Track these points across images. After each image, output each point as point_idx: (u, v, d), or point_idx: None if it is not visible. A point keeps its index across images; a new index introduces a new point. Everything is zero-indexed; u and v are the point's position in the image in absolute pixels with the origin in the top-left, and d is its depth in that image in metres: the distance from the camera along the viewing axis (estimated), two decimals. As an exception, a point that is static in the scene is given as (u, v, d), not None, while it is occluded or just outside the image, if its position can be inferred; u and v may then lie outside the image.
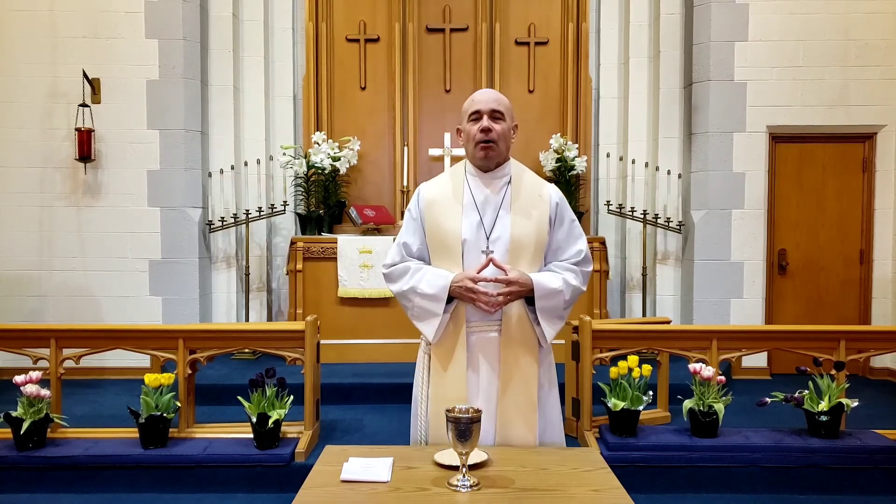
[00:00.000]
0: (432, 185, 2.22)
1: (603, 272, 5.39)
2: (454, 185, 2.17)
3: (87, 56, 5.37)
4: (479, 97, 2.12)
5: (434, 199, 2.16)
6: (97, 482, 3.30)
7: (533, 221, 2.10)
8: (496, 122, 2.08)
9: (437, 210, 2.13)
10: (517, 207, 2.11)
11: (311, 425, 3.63)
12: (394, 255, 2.18)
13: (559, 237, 2.16)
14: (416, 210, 2.18)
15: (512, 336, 2.08)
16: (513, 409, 2.05)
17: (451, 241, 2.09)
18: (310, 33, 5.95)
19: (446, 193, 2.16)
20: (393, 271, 2.16)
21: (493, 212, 2.11)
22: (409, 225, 2.19)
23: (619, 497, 1.68)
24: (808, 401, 3.49)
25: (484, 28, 6.02)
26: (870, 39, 5.37)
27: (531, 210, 2.11)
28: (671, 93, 5.74)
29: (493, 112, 2.08)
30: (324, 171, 5.62)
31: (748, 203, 5.44)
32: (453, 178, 2.20)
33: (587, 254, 2.17)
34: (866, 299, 5.59)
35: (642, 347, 3.75)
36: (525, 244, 2.09)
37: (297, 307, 5.23)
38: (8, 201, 5.41)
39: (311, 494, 1.71)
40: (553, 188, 2.21)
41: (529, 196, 2.13)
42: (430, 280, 2.06)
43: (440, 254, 2.12)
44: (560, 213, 2.16)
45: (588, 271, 2.17)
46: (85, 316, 5.38)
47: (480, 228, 2.10)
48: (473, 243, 2.08)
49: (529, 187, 2.16)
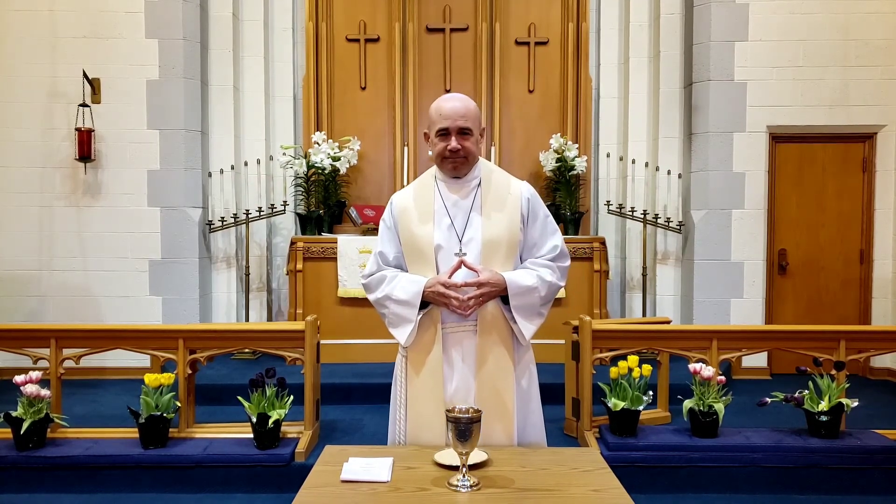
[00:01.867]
0: (404, 194, 2.23)
1: (603, 272, 5.38)
2: (424, 192, 2.18)
3: (87, 56, 5.37)
4: (447, 111, 2.07)
5: (406, 207, 2.17)
6: (97, 482, 3.30)
7: (504, 221, 2.11)
8: (464, 139, 2.07)
9: (408, 217, 2.15)
10: (488, 209, 2.11)
11: (311, 425, 3.63)
12: (371, 265, 2.20)
13: (533, 234, 2.16)
14: (390, 219, 2.20)
15: (488, 335, 2.07)
16: (489, 409, 2.02)
17: (424, 246, 2.10)
18: (310, 33, 5.95)
19: (417, 201, 2.17)
20: (370, 281, 2.18)
21: (464, 215, 2.12)
22: (384, 234, 2.20)
23: (619, 497, 1.68)
24: (808, 401, 3.49)
25: (484, 28, 6.02)
26: (870, 39, 5.37)
27: (502, 210, 2.12)
28: (671, 93, 5.74)
29: (461, 129, 2.06)
30: (324, 171, 5.62)
31: (748, 203, 5.44)
32: (423, 184, 2.21)
33: (563, 248, 2.17)
34: (866, 299, 5.59)
35: (642, 347, 3.75)
36: (497, 244, 2.09)
37: (297, 307, 5.24)
38: (8, 201, 5.42)
39: (311, 494, 1.72)
40: (524, 185, 2.20)
41: (499, 196, 2.14)
42: (403, 286, 2.07)
43: (415, 260, 2.13)
44: (532, 209, 2.16)
45: (565, 266, 2.17)
46: (85, 316, 5.37)
47: (452, 232, 2.11)
48: (446, 247, 2.09)
49: (499, 187, 2.16)
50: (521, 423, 2.13)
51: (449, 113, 2.06)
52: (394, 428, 2.19)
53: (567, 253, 2.19)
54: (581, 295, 5.34)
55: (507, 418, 2.08)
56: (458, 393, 2.08)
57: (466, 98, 2.12)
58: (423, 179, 2.24)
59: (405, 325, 2.07)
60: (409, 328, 2.06)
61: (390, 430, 2.22)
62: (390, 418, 2.22)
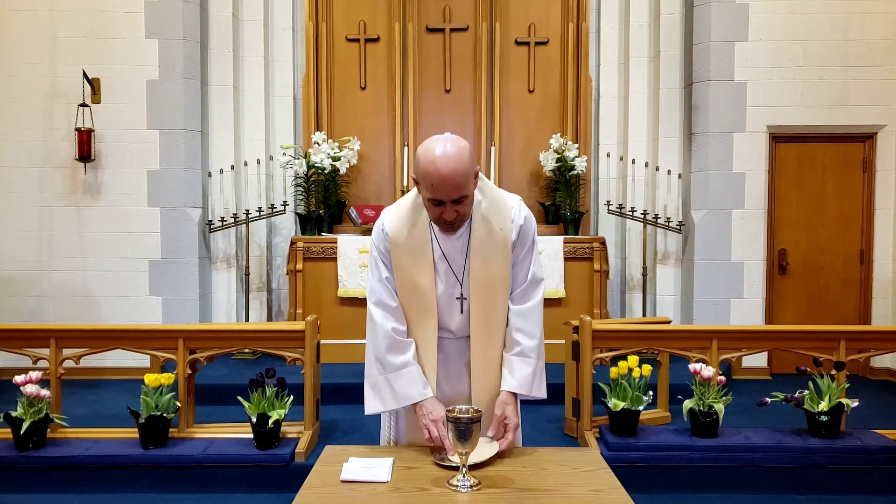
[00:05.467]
0: (396, 226, 2.07)
1: (603, 272, 5.38)
2: (420, 233, 2.05)
3: (87, 56, 5.37)
4: (438, 181, 1.83)
5: (401, 245, 2.05)
6: (97, 482, 3.30)
7: (499, 258, 2.05)
8: (460, 205, 1.91)
9: (405, 258, 2.05)
10: (481, 250, 2.04)
11: (311, 425, 3.63)
12: (380, 292, 2.09)
13: (516, 256, 2.08)
14: (384, 246, 2.08)
15: (482, 343, 2.07)
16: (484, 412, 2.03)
17: (426, 296, 2.06)
18: (310, 33, 5.95)
19: (413, 243, 2.05)
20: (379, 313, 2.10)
21: (461, 259, 2.06)
22: (382, 259, 2.10)
23: (619, 497, 1.68)
24: (808, 401, 3.49)
25: (484, 28, 6.02)
26: (870, 39, 5.37)
27: (496, 247, 2.05)
28: (671, 93, 5.74)
29: (456, 200, 1.88)
30: (324, 171, 5.62)
31: (748, 203, 5.44)
32: (417, 222, 2.05)
33: (536, 275, 2.10)
34: (866, 299, 5.59)
35: (642, 347, 3.75)
36: (494, 284, 2.05)
37: (297, 307, 5.23)
38: (8, 201, 5.41)
39: (311, 494, 1.72)
40: (516, 212, 2.07)
41: (492, 235, 2.05)
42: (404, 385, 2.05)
43: (414, 305, 2.06)
44: (522, 236, 2.07)
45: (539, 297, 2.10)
46: (85, 316, 5.37)
47: (451, 278, 2.07)
48: (447, 293, 2.07)
49: (492, 224, 2.05)
50: None
51: (440, 184, 1.84)
52: (385, 427, 2.24)
53: (539, 279, 2.12)
54: (581, 295, 5.34)
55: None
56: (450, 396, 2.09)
57: (458, 152, 1.85)
58: (414, 211, 2.06)
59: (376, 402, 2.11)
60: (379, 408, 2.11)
61: (382, 430, 2.26)
62: (382, 418, 2.25)
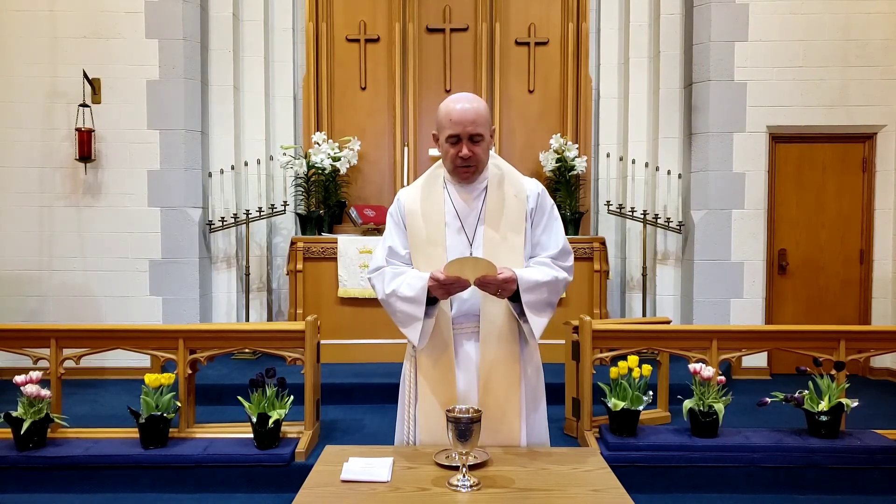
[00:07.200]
0: (412, 194, 2.17)
1: (603, 272, 5.38)
2: (434, 197, 2.13)
3: (87, 56, 5.37)
4: (457, 116, 1.98)
5: (415, 211, 2.12)
6: (97, 482, 3.30)
7: (511, 227, 2.08)
8: (476, 145, 2.01)
9: (419, 223, 2.10)
10: (495, 216, 2.08)
11: (311, 425, 3.63)
12: (378, 259, 2.14)
13: (537, 232, 2.13)
14: (398, 215, 2.15)
15: (493, 335, 2.06)
16: (495, 410, 2.02)
17: (438, 257, 2.06)
18: (310, 33, 5.95)
19: (427, 204, 2.12)
20: (375, 277, 2.13)
21: (474, 221, 2.10)
22: (393, 229, 2.16)
23: (619, 497, 1.68)
24: (808, 401, 3.49)
25: (484, 28, 6.02)
26: (870, 39, 5.37)
27: (509, 216, 2.09)
28: (671, 93, 5.74)
29: (472, 136, 2.00)
30: (324, 171, 5.62)
31: (748, 203, 5.44)
32: (432, 187, 2.15)
33: (565, 246, 2.13)
34: (866, 299, 5.59)
35: (642, 347, 3.75)
36: (504, 251, 2.06)
37: (297, 307, 5.23)
38: (8, 201, 5.42)
39: (311, 494, 1.72)
40: (532, 183, 2.16)
41: (506, 201, 2.10)
42: (409, 283, 2.02)
43: (426, 266, 2.07)
44: (539, 207, 2.13)
45: (569, 265, 2.13)
46: (85, 316, 5.37)
47: (464, 241, 2.09)
48: (457, 254, 2.05)
49: (507, 190, 2.12)
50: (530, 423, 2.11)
51: (459, 118, 1.98)
52: (401, 428, 2.18)
53: (570, 250, 2.16)
54: (581, 295, 5.34)
55: (514, 419, 2.07)
56: (468, 392, 2.06)
57: (476, 99, 2.04)
58: (430, 180, 2.17)
59: (415, 324, 2.02)
60: (419, 327, 2.01)
61: (398, 430, 2.20)
62: (398, 419, 2.20)
